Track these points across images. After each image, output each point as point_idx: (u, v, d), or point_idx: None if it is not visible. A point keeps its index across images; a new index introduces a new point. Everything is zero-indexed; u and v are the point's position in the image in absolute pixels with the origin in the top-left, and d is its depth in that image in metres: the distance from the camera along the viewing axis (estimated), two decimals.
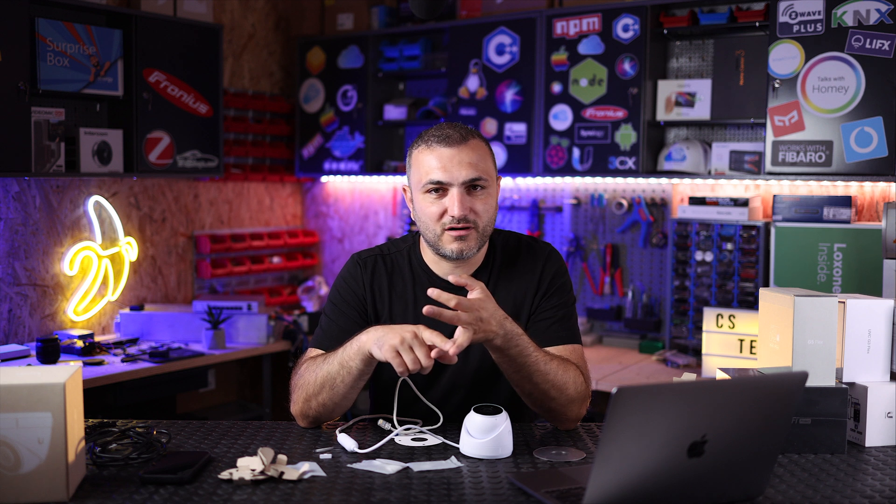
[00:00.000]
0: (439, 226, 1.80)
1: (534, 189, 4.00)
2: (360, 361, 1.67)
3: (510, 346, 1.66)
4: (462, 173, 1.78)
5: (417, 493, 1.42)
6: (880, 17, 2.88)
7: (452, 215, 1.77)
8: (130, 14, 3.48)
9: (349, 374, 1.69)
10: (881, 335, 1.75)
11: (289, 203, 4.68)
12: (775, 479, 1.51)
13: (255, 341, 3.70)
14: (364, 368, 1.68)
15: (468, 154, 1.79)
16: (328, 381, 1.71)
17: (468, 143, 1.81)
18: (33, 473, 1.35)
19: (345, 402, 1.75)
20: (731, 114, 3.37)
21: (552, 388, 1.71)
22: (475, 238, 1.81)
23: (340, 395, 1.72)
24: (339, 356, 1.70)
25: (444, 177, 1.78)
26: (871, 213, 3.18)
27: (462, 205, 1.77)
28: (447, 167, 1.78)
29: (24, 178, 3.35)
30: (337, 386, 1.71)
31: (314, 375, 1.74)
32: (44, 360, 3.06)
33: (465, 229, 1.79)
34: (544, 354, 1.72)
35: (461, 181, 1.78)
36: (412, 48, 4.11)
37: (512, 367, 1.69)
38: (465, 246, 1.80)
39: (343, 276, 1.94)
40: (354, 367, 1.68)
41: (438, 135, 1.82)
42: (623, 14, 3.47)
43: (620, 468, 1.25)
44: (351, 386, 1.71)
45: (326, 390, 1.72)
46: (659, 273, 3.68)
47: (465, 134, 1.82)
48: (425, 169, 1.81)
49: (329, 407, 1.75)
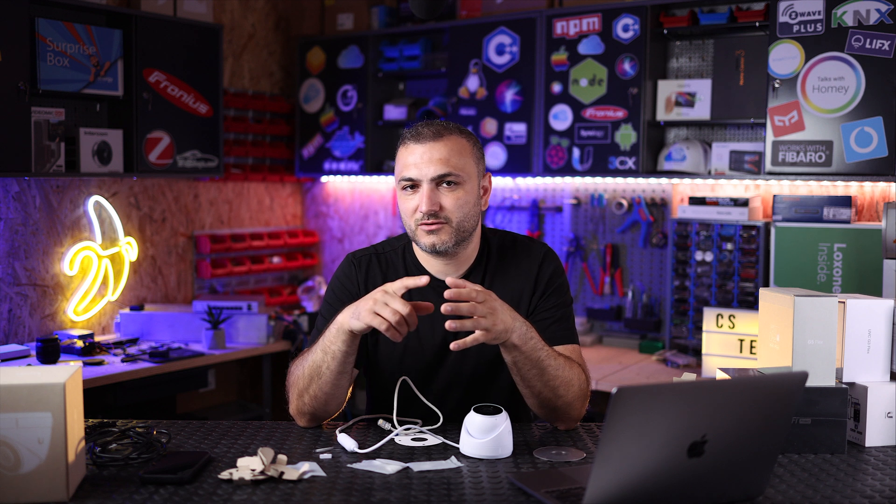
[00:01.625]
0: (413, 221, 1.83)
1: (534, 189, 4.00)
2: (341, 343, 1.68)
3: (526, 340, 1.66)
4: (430, 170, 1.80)
5: (417, 493, 1.42)
6: (880, 17, 2.88)
7: (422, 211, 1.80)
8: (130, 14, 3.48)
9: (333, 358, 1.69)
10: (881, 335, 1.75)
11: (289, 203, 4.68)
12: (775, 479, 1.51)
13: (255, 341, 3.70)
14: (347, 350, 1.69)
15: (439, 150, 1.81)
16: (314, 370, 1.72)
17: (441, 140, 1.82)
18: (33, 473, 1.35)
19: (336, 392, 1.74)
20: (731, 114, 3.37)
21: (561, 386, 1.72)
22: (448, 232, 1.82)
23: (329, 384, 1.72)
24: (321, 343, 1.71)
25: (414, 173, 1.82)
26: (871, 213, 3.18)
27: (430, 200, 1.79)
28: (418, 164, 1.81)
29: (24, 178, 3.35)
30: (323, 374, 1.71)
31: (301, 370, 1.76)
32: (44, 360, 3.06)
33: (435, 224, 1.80)
34: (553, 351, 1.73)
35: (430, 177, 1.80)
36: (412, 48, 4.11)
37: (528, 364, 1.68)
38: (438, 240, 1.81)
39: (338, 275, 1.95)
40: (337, 350, 1.69)
41: (412, 133, 1.85)
42: (623, 14, 3.47)
43: (620, 468, 1.25)
44: (337, 372, 1.71)
45: (315, 381, 1.73)
46: (659, 273, 3.68)
47: (440, 130, 1.84)
48: (401, 166, 1.85)
49: (321, 398, 1.74)
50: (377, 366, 1.92)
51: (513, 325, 1.65)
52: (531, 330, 1.68)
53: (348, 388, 1.78)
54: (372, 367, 1.94)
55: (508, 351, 1.68)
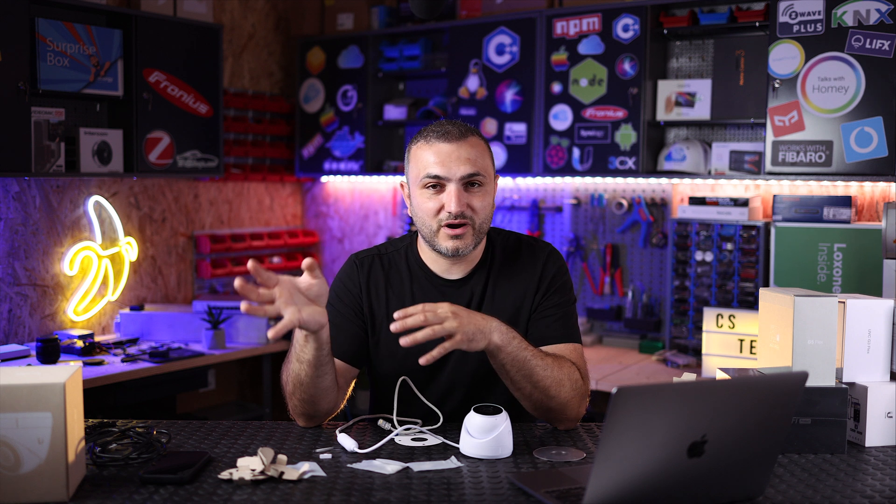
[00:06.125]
0: (436, 222, 1.81)
1: (534, 189, 4.00)
2: (309, 349, 1.64)
3: (508, 340, 1.66)
4: (460, 169, 1.78)
5: (417, 493, 1.42)
6: (880, 17, 2.88)
7: (449, 211, 1.78)
8: (130, 14, 3.48)
9: (309, 364, 1.66)
10: (881, 335, 1.75)
11: (289, 203, 4.68)
12: (775, 479, 1.51)
13: (255, 341, 3.70)
14: (315, 353, 1.65)
15: (467, 150, 1.80)
16: (295, 379, 1.71)
17: (467, 140, 1.81)
18: (33, 473, 1.35)
19: (322, 393, 1.72)
20: (731, 114, 3.37)
21: (552, 386, 1.71)
22: (471, 235, 1.81)
23: (312, 387, 1.70)
24: (295, 353, 1.69)
25: (442, 171, 1.79)
26: (871, 213, 3.18)
27: (459, 201, 1.78)
28: (445, 162, 1.79)
29: (24, 178, 3.35)
30: (303, 381, 1.70)
31: (286, 377, 1.76)
32: (44, 360, 3.06)
33: (461, 226, 1.79)
34: (539, 352, 1.72)
35: (459, 177, 1.79)
36: (412, 48, 4.11)
37: (514, 366, 1.68)
38: (462, 244, 1.81)
39: (340, 276, 1.95)
40: (306, 356, 1.65)
41: (438, 131, 1.82)
42: (623, 14, 3.47)
43: (620, 468, 1.25)
44: (314, 376, 1.68)
45: (298, 388, 1.72)
46: (659, 273, 3.68)
47: (465, 131, 1.83)
48: (423, 164, 1.81)
49: (308, 401, 1.73)
50: (378, 366, 1.92)
51: (488, 326, 1.64)
52: (511, 331, 1.68)
53: (336, 387, 1.76)
54: (373, 367, 1.94)
55: (493, 355, 1.68)
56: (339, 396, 1.80)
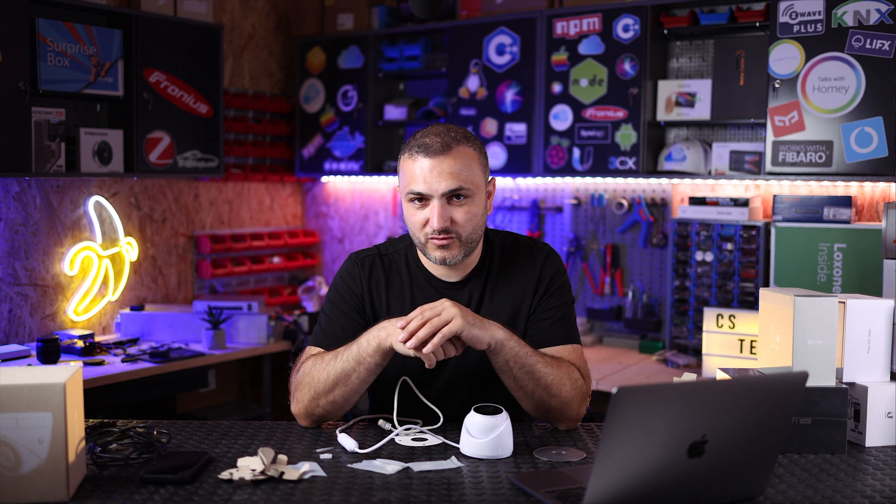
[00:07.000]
0: (423, 234, 1.82)
1: (534, 189, 4.00)
2: (380, 356, 1.70)
3: (510, 335, 1.69)
4: (441, 185, 1.77)
5: (417, 493, 1.42)
6: (880, 17, 2.88)
7: (432, 227, 1.79)
8: (130, 14, 3.48)
9: (367, 369, 1.71)
10: (881, 335, 1.75)
11: (289, 203, 4.68)
12: (775, 479, 1.51)
13: (256, 341, 3.70)
14: (382, 363, 1.72)
15: (450, 164, 1.78)
16: (342, 377, 1.72)
17: (450, 153, 1.79)
18: (33, 473, 1.35)
19: (355, 398, 1.77)
20: (732, 114, 3.37)
21: (554, 384, 1.72)
22: (458, 247, 1.82)
23: (353, 391, 1.74)
24: (355, 353, 1.71)
25: (423, 188, 1.79)
26: (871, 213, 3.18)
27: (441, 217, 1.78)
28: (427, 179, 1.78)
29: (24, 178, 3.35)
30: (351, 382, 1.73)
31: (325, 373, 1.74)
32: (44, 360, 3.06)
33: (446, 239, 1.80)
34: (538, 353, 1.74)
35: (441, 192, 1.78)
36: (412, 48, 4.11)
37: (517, 363, 1.70)
38: (449, 254, 1.82)
39: (341, 275, 1.95)
40: (373, 363, 1.71)
41: (419, 144, 1.81)
42: (623, 14, 3.47)
43: (620, 468, 1.25)
44: (365, 381, 1.74)
45: (340, 387, 1.73)
46: (659, 273, 3.68)
47: (448, 142, 1.80)
48: (408, 178, 1.82)
49: (339, 404, 1.76)
50: None
51: (488, 321, 1.69)
52: (510, 331, 1.72)
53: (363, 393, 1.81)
54: None
55: (496, 353, 1.69)
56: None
